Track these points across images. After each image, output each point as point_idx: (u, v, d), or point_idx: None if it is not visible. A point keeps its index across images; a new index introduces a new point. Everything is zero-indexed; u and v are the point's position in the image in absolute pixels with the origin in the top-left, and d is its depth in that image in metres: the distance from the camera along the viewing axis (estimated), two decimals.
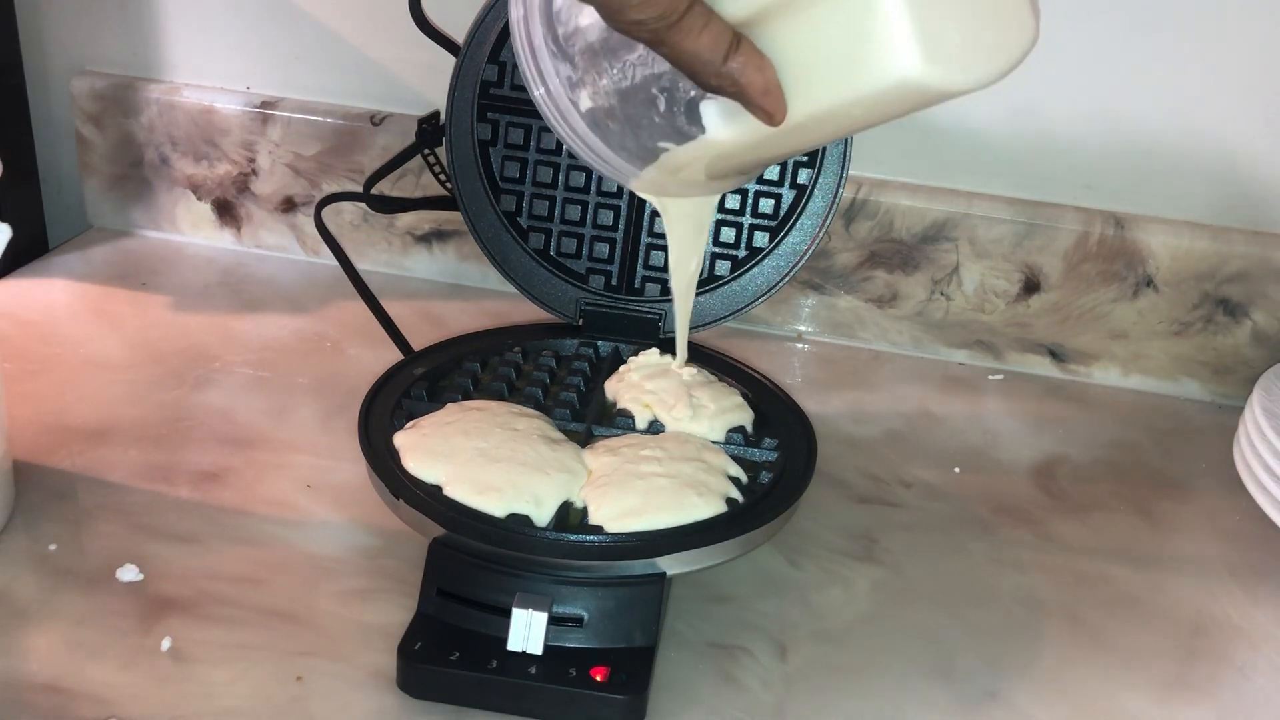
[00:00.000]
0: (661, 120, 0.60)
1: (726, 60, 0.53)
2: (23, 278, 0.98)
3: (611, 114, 0.61)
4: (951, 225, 0.93)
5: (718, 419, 0.72)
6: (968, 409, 0.91)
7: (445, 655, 0.60)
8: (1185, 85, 0.89)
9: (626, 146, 0.63)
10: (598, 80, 0.61)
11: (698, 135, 0.60)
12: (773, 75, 0.54)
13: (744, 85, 0.54)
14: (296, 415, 0.82)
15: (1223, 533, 0.79)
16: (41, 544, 0.69)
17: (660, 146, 0.62)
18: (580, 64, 0.61)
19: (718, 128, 0.59)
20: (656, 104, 0.60)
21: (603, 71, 0.60)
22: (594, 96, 0.61)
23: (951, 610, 0.70)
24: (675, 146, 0.61)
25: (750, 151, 0.61)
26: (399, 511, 0.65)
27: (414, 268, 1.03)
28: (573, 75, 0.61)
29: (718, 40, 0.52)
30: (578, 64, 0.61)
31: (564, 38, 0.61)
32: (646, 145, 0.62)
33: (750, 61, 0.53)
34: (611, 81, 0.60)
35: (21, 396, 0.81)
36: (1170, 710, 0.64)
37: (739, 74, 0.53)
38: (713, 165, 0.63)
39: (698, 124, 0.59)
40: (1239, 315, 0.92)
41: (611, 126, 0.62)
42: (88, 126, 1.04)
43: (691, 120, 0.60)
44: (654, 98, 0.60)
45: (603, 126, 0.62)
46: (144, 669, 0.61)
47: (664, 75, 0.59)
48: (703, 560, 0.63)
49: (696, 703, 0.62)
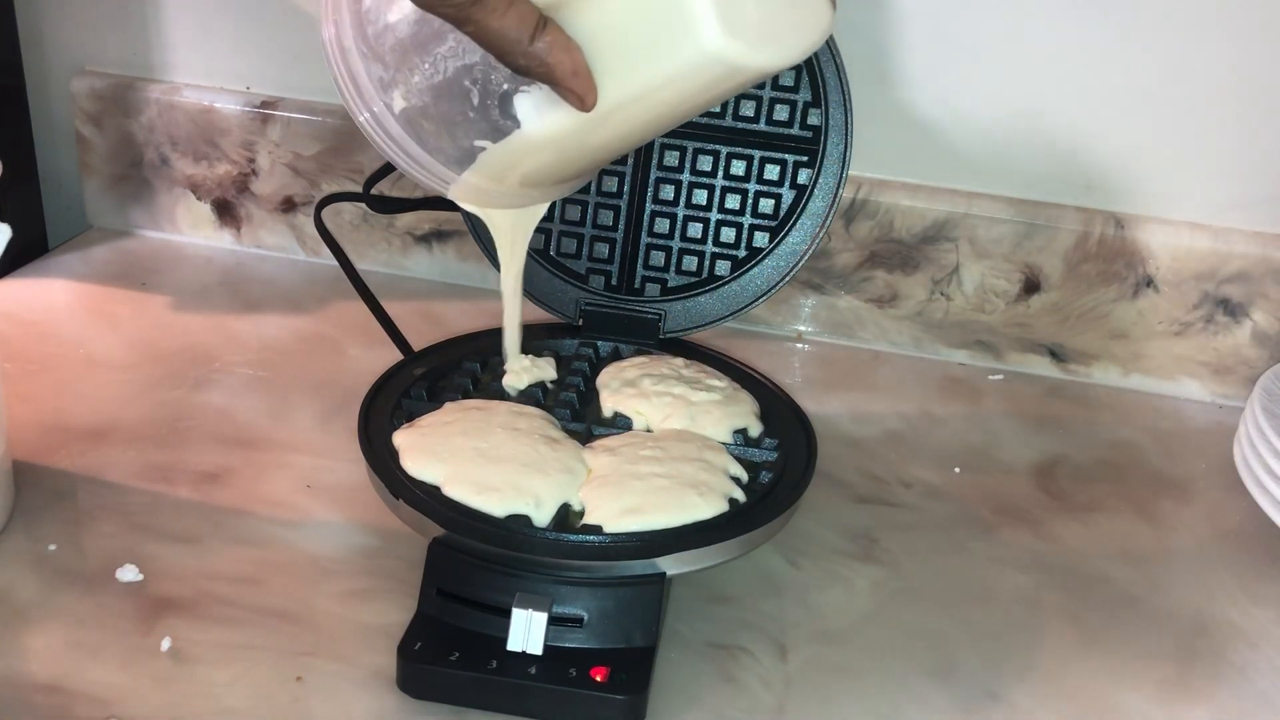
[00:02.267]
0: (476, 115, 0.60)
1: (533, 40, 0.53)
2: (23, 278, 0.98)
3: (425, 113, 0.61)
4: (951, 225, 0.93)
5: (722, 423, 0.72)
6: (968, 409, 0.91)
7: (445, 655, 0.60)
8: (1185, 85, 0.89)
9: (443, 148, 0.62)
10: (410, 77, 0.60)
11: (513, 130, 0.60)
12: (580, 58, 0.55)
13: (552, 65, 0.54)
14: (296, 415, 0.82)
15: (1223, 533, 0.79)
16: (41, 544, 0.69)
17: (477, 146, 0.62)
18: (391, 62, 0.60)
19: (532, 120, 0.59)
20: (470, 97, 0.60)
21: (414, 68, 0.60)
22: (407, 95, 0.61)
23: (951, 610, 0.70)
24: (491, 144, 0.61)
25: (567, 147, 0.62)
26: (399, 511, 0.65)
27: (414, 268, 1.03)
28: (384, 75, 0.61)
29: (523, 19, 0.53)
30: (388, 63, 0.60)
31: (374, 36, 0.60)
32: (463, 145, 0.62)
33: (557, 42, 0.54)
34: (424, 78, 0.60)
35: (21, 396, 0.81)
36: (1170, 710, 0.64)
37: (546, 54, 0.54)
38: (532, 169, 0.64)
39: (512, 118, 0.60)
40: (1239, 315, 0.92)
41: (426, 126, 0.62)
42: (88, 126, 1.04)
43: (506, 114, 0.60)
44: (467, 91, 0.60)
45: (417, 126, 0.62)
46: (144, 669, 0.61)
47: (475, 66, 0.59)
48: (703, 560, 0.63)
49: (696, 703, 0.62)
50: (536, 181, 0.66)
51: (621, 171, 0.84)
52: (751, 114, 0.82)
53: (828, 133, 0.81)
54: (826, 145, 0.81)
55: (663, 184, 0.84)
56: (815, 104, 0.81)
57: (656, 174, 0.84)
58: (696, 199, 0.83)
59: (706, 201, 0.83)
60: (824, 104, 0.80)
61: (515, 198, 0.68)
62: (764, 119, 0.82)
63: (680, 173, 0.83)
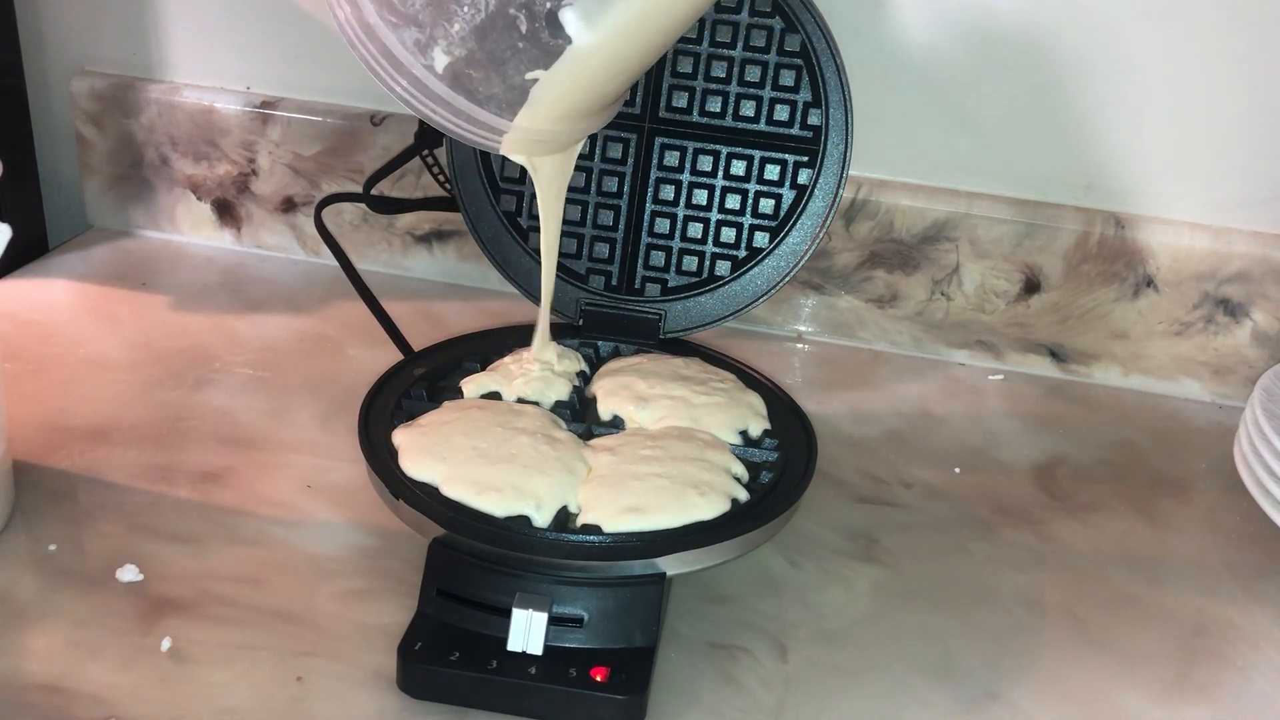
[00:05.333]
0: (525, 44, 0.60)
1: None
2: (23, 278, 0.98)
3: (472, 60, 0.61)
4: (951, 225, 0.93)
5: (724, 424, 0.72)
6: (968, 409, 0.91)
7: (445, 655, 0.60)
8: (1185, 85, 0.89)
9: (494, 94, 0.62)
10: (449, 27, 0.60)
11: (564, 48, 0.60)
12: None
13: None
14: (296, 415, 0.82)
15: (1223, 533, 0.79)
16: (41, 544, 0.69)
17: (529, 80, 0.61)
18: (426, 20, 0.60)
19: (582, 31, 0.60)
20: (518, 25, 0.60)
21: (452, 15, 0.60)
22: (449, 48, 0.60)
23: (951, 610, 0.70)
24: (544, 72, 0.61)
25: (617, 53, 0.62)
26: (399, 511, 0.65)
27: (414, 268, 1.03)
28: (420, 37, 0.60)
29: None
30: (422, 21, 0.60)
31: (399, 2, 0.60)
32: (514, 83, 0.62)
33: None
34: (464, 22, 0.60)
35: (21, 396, 0.81)
36: (1170, 710, 0.64)
37: None
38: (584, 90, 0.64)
39: (562, 35, 0.60)
40: (1239, 315, 0.92)
41: (475, 75, 0.61)
42: (88, 126, 1.04)
43: (555, 34, 0.60)
44: (513, 19, 0.59)
45: (465, 80, 0.61)
46: (144, 669, 0.61)
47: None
48: (703, 560, 0.63)
49: (696, 703, 0.62)
50: (587, 107, 0.66)
51: (621, 172, 0.84)
52: (752, 114, 0.82)
53: (828, 133, 0.81)
54: (826, 145, 0.81)
55: (663, 184, 0.84)
56: (815, 104, 0.81)
57: (657, 174, 0.84)
58: (697, 199, 0.83)
59: (707, 201, 0.83)
60: (824, 104, 0.80)
61: (565, 134, 0.67)
62: (764, 119, 0.82)
63: (680, 173, 0.83)
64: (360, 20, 0.61)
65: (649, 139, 0.83)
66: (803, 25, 0.80)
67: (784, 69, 0.81)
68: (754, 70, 0.81)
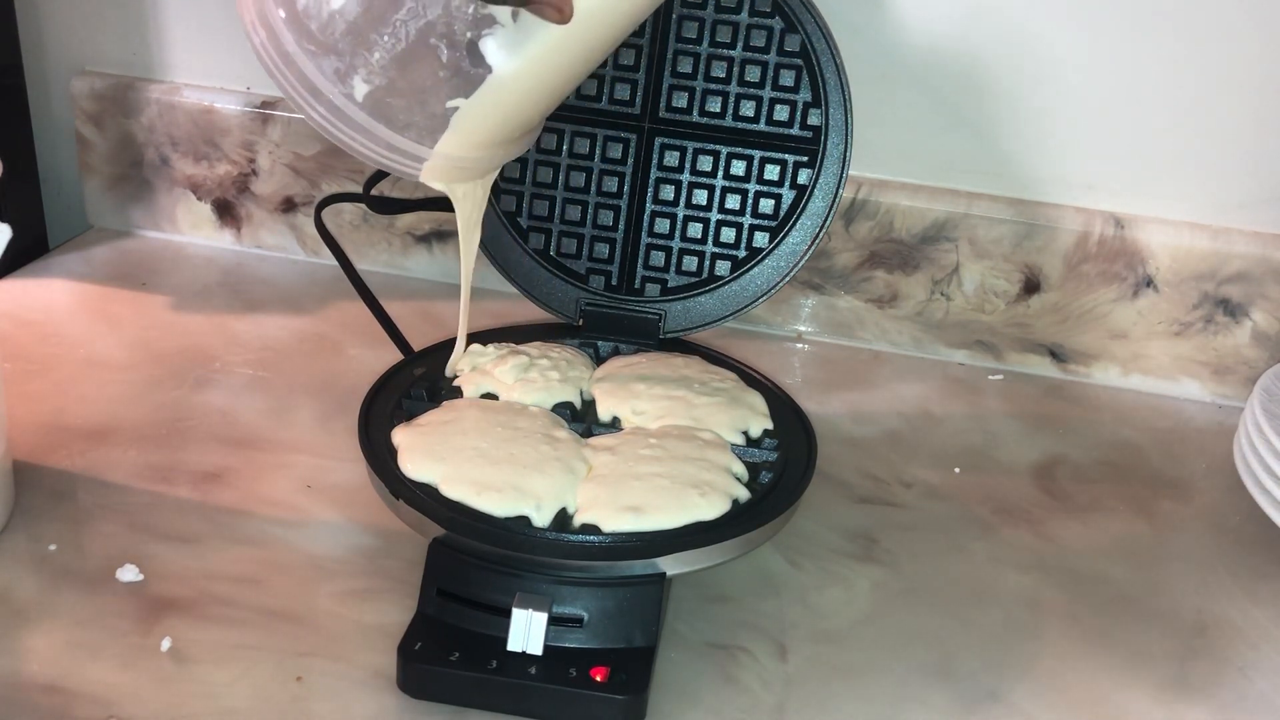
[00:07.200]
0: (446, 73, 0.60)
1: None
2: (23, 278, 0.98)
3: (393, 89, 0.60)
4: (951, 225, 0.93)
5: (724, 423, 0.72)
6: (968, 409, 0.91)
7: (445, 655, 0.60)
8: (1185, 85, 0.89)
9: (414, 122, 0.62)
10: (369, 57, 0.59)
11: (485, 77, 0.60)
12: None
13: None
14: (296, 415, 0.82)
15: (1223, 533, 0.79)
16: (41, 544, 0.69)
17: (449, 108, 0.61)
18: (345, 48, 0.59)
19: (503, 60, 0.60)
20: (438, 55, 0.59)
21: (373, 44, 0.59)
22: (369, 77, 0.60)
23: (951, 610, 0.70)
24: (464, 100, 0.61)
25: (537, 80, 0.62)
26: (399, 511, 0.65)
27: (414, 268, 1.03)
28: (339, 65, 0.60)
29: None
30: (342, 50, 0.59)
31: (319, 30, 0.59)
32: (434, 111, 0.61)
33: None
34: (384, 52, 0.59)
35: (21, 396, 0.81)
36: (1170, 710, 0.64)
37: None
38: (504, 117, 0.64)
39: (482, 64, 0.60)
40: (1239, 315, 0.92)
41: (395, 104, 0.61)
42: (88, 126, 1.04)
43: (476, 63, 0.60)
44: (434, 48, 0.59)
45: (384, 108, 0.61)
46: (144, 669, 0.61)
47: (437, 21, 0.58)
48: (703, 560, 0.63)
49: (696, 703, 0.62)
50: (507, 134, 0.66)
51: (621, 172, 0.84)
52: (751, 114, 0.82)
53: (828, 133, 0.81)
54: (826, 145, 0.81)
55: (663, 184, 0.84)
56: (815, 104, 0.81)
57: (656, 174, 0.84)
58: (697, 199, 0.83)
59: (706, 201, 0.83)
60: (824, 104, 0.80)
61: (485, 161, 0.67)
62: (764, 119, 0.82)
63: (680, 173, 0.83)
64: (278, 48, 0.60)
65: (649, 139, 0.83)
66: (803, 25, 0.80)
67: (784, 69, 0.81)
68: (754, 70, 0.81)
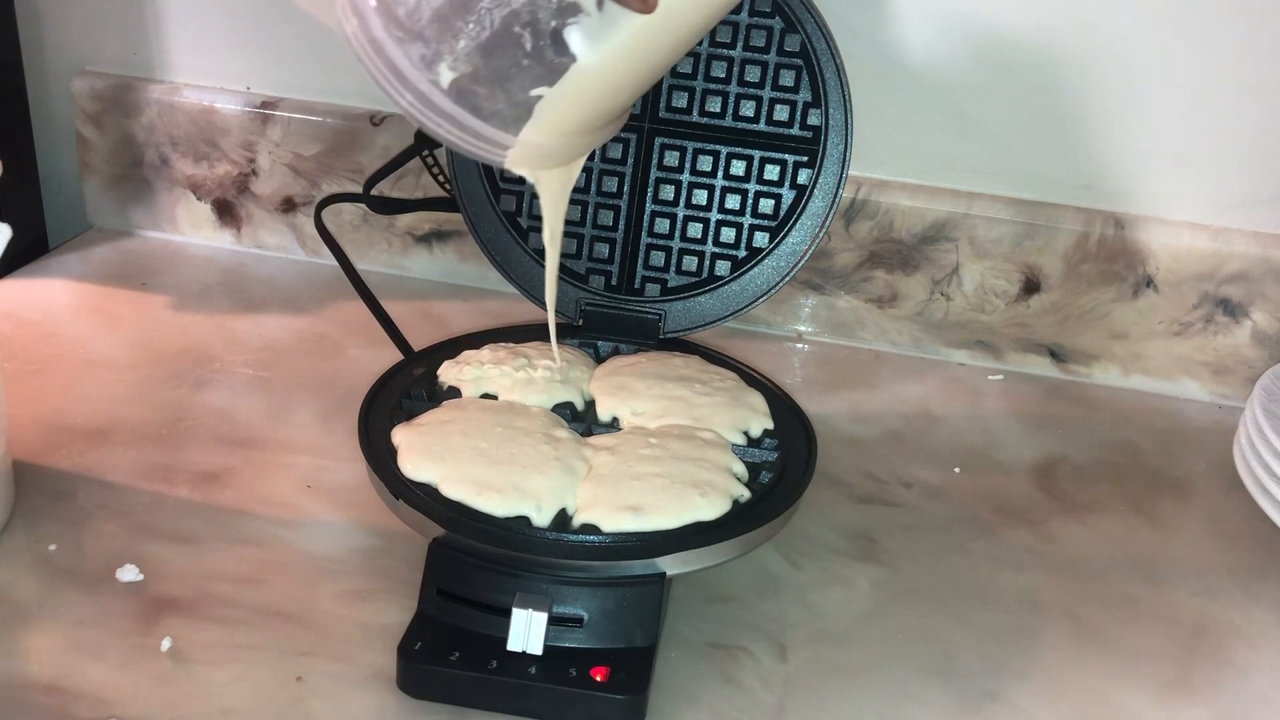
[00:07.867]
0: (530, 62, 0.60)
1: None
2: (23, 278, 0.98)
3: (477, 77, 0.60)
4: (951, 225, 0.93)
5: (725, 423, 0.72)
6: (968, 409, 0.91)
7: (445, 655, 0.60)
8: (1185, 85, 0.89)
9: (499, 110, 0.62)
10: (454, 44, 0.59)
11: (569, 66, 0.60)
12: None
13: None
14: (296, 415, 0.82)
15: (1223, 533, 0.79)
16: (41, 544, 0.69)
17: (533, 96, 0.61)
18: (432, 36, 0.60)
19: (587, 50, 0.59)
20: (522, 44, 0.59)
21: (458, 32, 0.59)
22: (454, 65, 0.60)
23: (951, 610, 0.70)
24: (548, 89, 0.61)
25: (622, 70, 0.62)
26: (399, 511, 0.65)
27: (414, 268, 1.03)
28: (426, 52, 0.60)
29: None
30: (429, 37, 0.60)
31: (406, 16, 0.59)
32: (518, 99, 0.61)
33: None
34: (469, 40, 0.59)
35: (21, 396, 0.81)
36: (1170, 710, 0.64)
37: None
38: (588, 106, 0.64)
39: (567, 53, 0.60)
40: (1239, 315, 0.92)
41: (480, 91, 0.61)
42: (88, 126, 1.04)
43: (560, 52, 0.60)
44: (518, 38, 0.59)
45: (470, 96, 0.61)
46: (144, 669, 0.61)
47: (522, 9, 0.59)
48: (703, 560, 0.63)
49: (696, 703, 0.62)
50: (591, 122, 0.66)
51: (621, 171, 0.84)
52: (751, 114, 0.82)
53: (828, 133, 0.81)
54: (826, 145, 0.81)
55: (663, 184, 0.84)
56: (815, 104, 0.81)
57: (656, 174, 0.84)
58: (696, 199, 0.83)
59: (706, 201, 0.83)
60: (824, 104, 0.80)
61: (569, 149, 0.67)
62: (764, 119, 0.82)
63: (680, 173, 0.83)
64: (368, 34, 0.61)
65: (649, 139, 0.83)
66: (802, 25, 0.80)
67: (784, 69, 0.81)
68: (754, 70, 0.81)
